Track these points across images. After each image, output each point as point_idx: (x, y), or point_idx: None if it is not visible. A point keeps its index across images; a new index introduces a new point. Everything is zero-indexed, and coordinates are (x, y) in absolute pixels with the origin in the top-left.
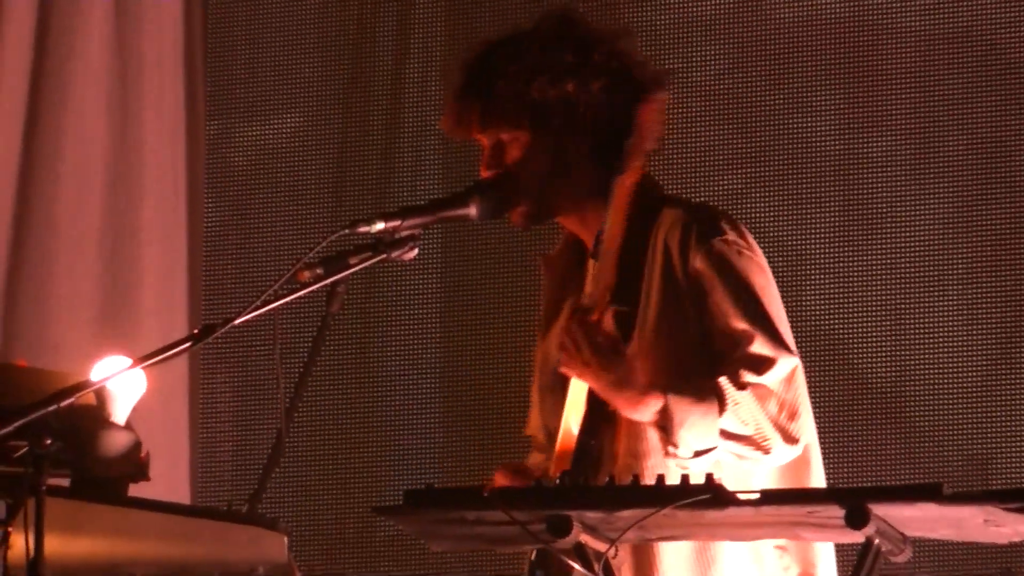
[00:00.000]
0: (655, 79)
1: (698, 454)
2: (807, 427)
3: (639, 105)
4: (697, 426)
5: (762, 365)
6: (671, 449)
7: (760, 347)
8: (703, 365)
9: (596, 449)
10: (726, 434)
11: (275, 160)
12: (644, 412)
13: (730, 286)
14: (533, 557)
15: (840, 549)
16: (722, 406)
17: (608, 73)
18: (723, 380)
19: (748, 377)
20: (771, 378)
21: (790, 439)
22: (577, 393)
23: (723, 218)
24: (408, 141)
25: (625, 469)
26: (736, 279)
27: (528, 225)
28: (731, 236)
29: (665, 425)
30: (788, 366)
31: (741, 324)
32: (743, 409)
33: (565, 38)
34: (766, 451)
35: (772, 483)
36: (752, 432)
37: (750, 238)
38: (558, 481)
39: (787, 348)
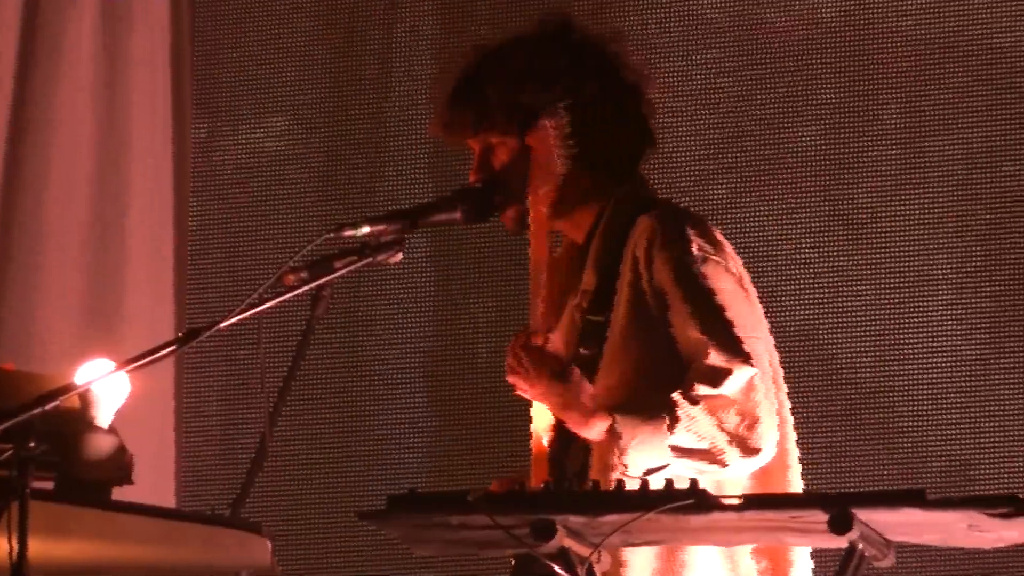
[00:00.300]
0: (644, 83)
1: (649, 472)
2: (770, 435)
3: (627, 110)
4: (646, 444)
5: (717, 376)
6: (620, 468)
7: (715, 357)
8: (675, 375)
9: (572, 458)
10: (679, 450)
11: (262, 163)
12: (592, 432)
13: (688, 294)
14: (514, 565)
15: (823, 554)
16: (674, 422)
17: (599, 77)
18: (677, 395)
19: (701, 390)
20: (727, 389)
21: (749, 450)
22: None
23: (689, 223)
24: (395, 145)
25: (597, 476)
26: (695, 287)
27: (519, 230)
28: (696, 242)
29: (615, 444)
30: (745, 376)
31: (697, 334)
32: (697, 424)
33: (556, 43)
34: (722, 464)
35: (748, 491)
36: (708, 446)
37: (720, 241)
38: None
39: (744, 356)
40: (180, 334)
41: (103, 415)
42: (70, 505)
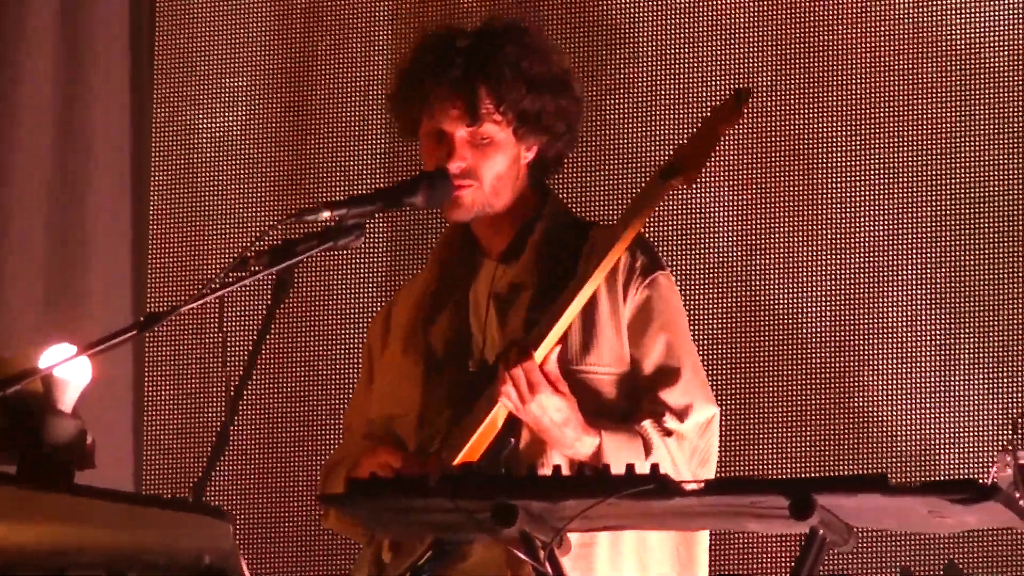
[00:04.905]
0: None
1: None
2: (712, 476)
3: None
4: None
5: (685, 412)
6: None
7: (683, 392)
8: (622, 396)
9: (512, 445)
10: None
11: (223, 148)
12: (578, 450)
13: (665, 324)
14: (423, 561)
15: (784, 539)
16: (648, 451)
17: (567, 90)
18: (647, 424)
19: (671, 423)
20: (689, 424)
21: None
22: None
23: (661, 261)
24: (357, 130)
25: (533, 463)
26: (671, 318)
27: (467, 218)
28: (668, 272)
29: (596, 462)
30: (707, 413)
31: (669, 364)
32: (665, 455)
33: (548, 51)
34: None
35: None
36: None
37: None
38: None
39: (708, 396)
40: (141, 318)
41: (66, 399)
42: (32, 490)
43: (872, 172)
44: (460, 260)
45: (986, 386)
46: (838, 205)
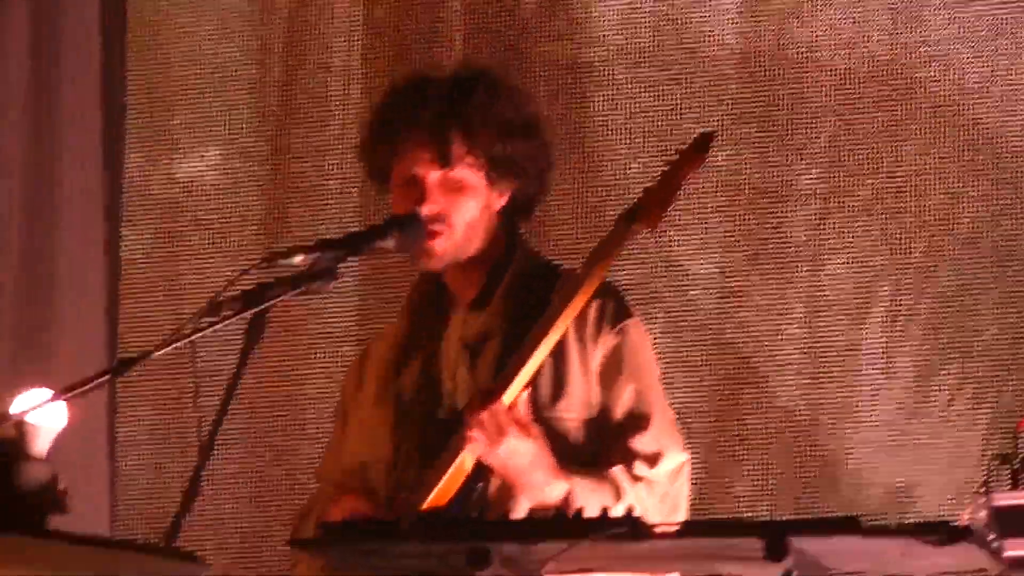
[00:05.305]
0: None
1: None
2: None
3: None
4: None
5: (655, 459)
6: None
7: (653, 439)
8: (589, 442)
9: (480, 490)
10: None
11: (197, 193)
12: (548, 495)
13: (634, 371)
14: None
15: None
16: (617, 497)
17: (538, 135)
18: (617, 471)
19: (641, 470)
20: (659, 470)
21: None
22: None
23: (629, 308)
24: (332, 175)
25: (503, 509)
26: (641, 365)
27: (439, 267)
28: (638, 319)
29: (567, 508)
30: (677, 460)
31: (639, 411)
32: (634, 501)
33: (519, 97)
34: None
35: None
36: None
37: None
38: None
39: (678, 442)
40: (114, 363)
41: (40, 444)
42: (5, 534)
43: (841, 209)
44: (431, 308)
45: (960, 427)
46: (809, 243)
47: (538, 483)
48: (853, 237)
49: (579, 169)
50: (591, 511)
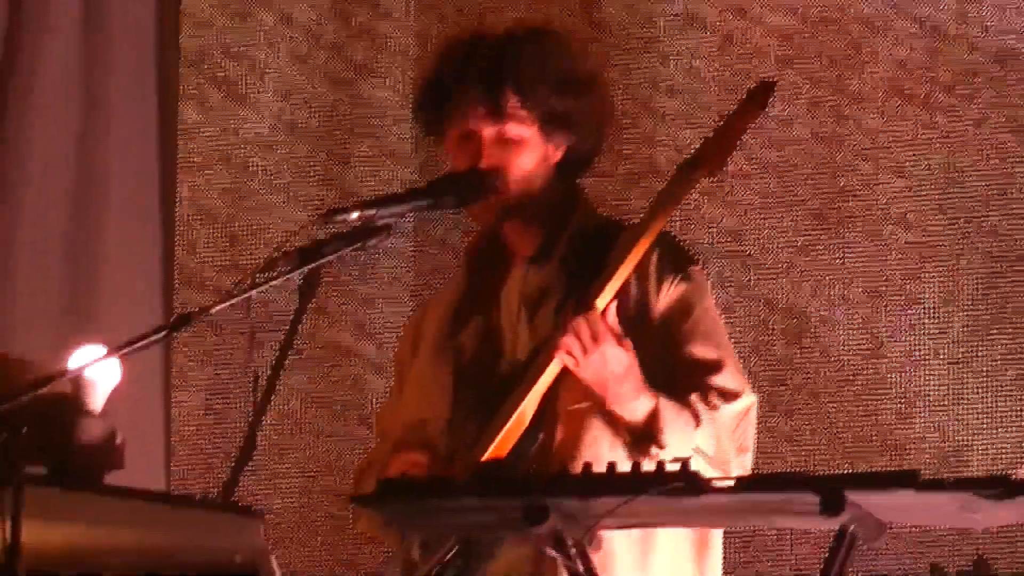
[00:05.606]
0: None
1: (675, 460)
2: (747, 466)
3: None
4: (680, 433)
5: (728, 395)
6: (654, 450)
7: (728, 378)
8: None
9: (542, 441)
10: (696, 449)
11: (251, 146)
12: (636, 409)
13: (704, 315)
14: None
15: (813, 536)
16: (696, 422)
17: (592, 91)
18: (696, 399)
19: (717, 402)
20: (734, 409)
21: (728, 472)
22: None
23: (685, 248)
24: (386, 130)
25: (565, 460)
26: (708, 309)
27: (496, 222)
28: (700, 267)
29: (651, 426)
30: (747, 402)
31: (712, 354)
32: (711, 431)
33: (572, 53)
34: (726, 473)
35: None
36: (713, 454)
37: None
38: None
39: (747, 385)
40: (172, 319)
41: (95, 400)
42: (63, 490)
43: (894, 173)
44: (489, 264)
45: (1017, 382)
46: (860, 204)
47: (627, 395)
48: (905, 194)
49: (640, 130)
50: (673, 432)
